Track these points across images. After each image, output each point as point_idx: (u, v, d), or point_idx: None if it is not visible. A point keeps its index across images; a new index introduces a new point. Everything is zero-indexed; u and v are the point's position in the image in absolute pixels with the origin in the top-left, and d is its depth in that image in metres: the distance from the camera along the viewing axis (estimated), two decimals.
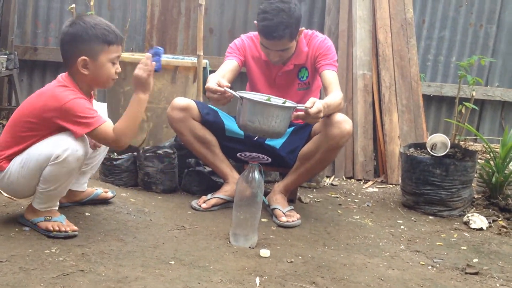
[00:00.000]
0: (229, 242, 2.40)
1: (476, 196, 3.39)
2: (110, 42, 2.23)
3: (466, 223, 3.01)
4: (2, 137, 2.27)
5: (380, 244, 2.62)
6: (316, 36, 2.97)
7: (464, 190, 3.16)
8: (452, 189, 3.12)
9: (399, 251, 2.55)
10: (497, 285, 2.26)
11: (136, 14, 4.62)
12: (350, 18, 4.20)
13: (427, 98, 4.83)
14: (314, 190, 3.54)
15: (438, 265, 2.40)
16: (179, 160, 3.15)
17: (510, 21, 4.97)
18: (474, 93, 3.98)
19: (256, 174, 2.37)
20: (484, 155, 4.34)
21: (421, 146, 3.43)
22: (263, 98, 2.60)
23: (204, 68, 3.55)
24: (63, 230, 2.22)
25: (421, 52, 4.89)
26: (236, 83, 4.55)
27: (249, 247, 2.36)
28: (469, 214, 3.07)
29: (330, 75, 2.85)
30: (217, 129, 2.92)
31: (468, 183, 3.19)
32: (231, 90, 2.57)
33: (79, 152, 2.16)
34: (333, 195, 3.45)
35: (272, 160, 2.76)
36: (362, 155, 3.95)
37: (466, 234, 2.88)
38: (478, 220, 2.99)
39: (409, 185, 3.24)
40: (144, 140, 3.50)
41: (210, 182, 3.12)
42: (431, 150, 3.24)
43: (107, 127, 2.20)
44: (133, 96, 2.29)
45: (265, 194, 2.80)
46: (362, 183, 3.85)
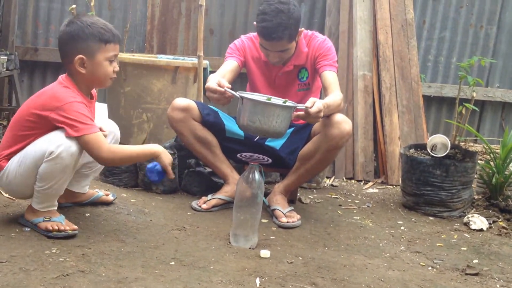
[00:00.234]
0: (229, 242, 2.40)
1: (476, 197, 3.39)
2: (106, 41, 2.24)
3: (466, 224, 3.01)
4: (4, 137, 2.29)
5: (380, 245, 2.63)
6: (316, 37, 2.97)
7: (464, 191, 3.16)
8: (452, 190, 3.13)
9: (399, 252, 2.55)
10: (497, 286, 2.26)
11: (137, 14, 4.63)
12: (351, 18, 4.20)
13: (428, 99, 4.83)
14: (314, 190, 3.54)
15: (438, 266, 2.40)
16: (180, 160, 3.15)
17: (510, 22, 4.97)
18: (474, 94, 3.98)
19: (256, 175, 2.37)
20: (485, 156, 4.34)
21: (422, 147, 3.43)
22: (264, 98, 2.60)
23: (205, 69, 3.55)
24: (63, 229, 2.22)
25: (422, 53, 4.89)
26: (236, 84, 4.55)
27: (249, 248, 2.37)
28: (469, 215, 3.07)
29: (330, 76, 2.85)
30: (218, 130, 2.93)
31: (468, 184, 3.19)
32: (231, 90, 2.57)
33: (72, 148, 2.16)
34: (333, 196, 3.45)
35: (272, 160, 2.77)
36: (362, 156, 3.95)
37: (466, 235, 2.88)
38: (478, 221, 2.99)
39: (409, 186, 3.24)
40: (144, 141, 3.50)
41: (210, 183, 3.12)
42: (431, 151, 3.24)
43: (97, 138, 2.18)
44: (152, 144, 2.37)
45: (265, 194, 2.80)
46: (362, 184, 3.86)
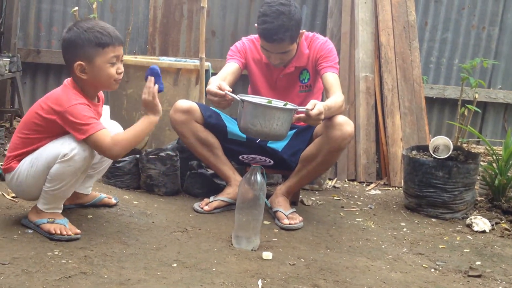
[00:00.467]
0: (231, 244, 2.40)
1: (478, 198, 3.38)
2: (104, 45, 2.22)
3: (469, 226, 3.01)
4: (12, 139, 2.32)
5: (383, 246, 2.62)
6: (317, 39, 2.97)
7: (467, 193, 3.16)
8: (454, 192, 3.12)
9: (401, 253, 2.54)
10: (500, 287, 2.25)
11: (139, 17, 4.63)
12: (353, 20, 4.20)
13: (430, 101, 4.83)
14: (317, 192, 3.54)
15: (441, 268, 2.40)
16: (182, 162, 3.15)
17: None
18: (476, 96, 3.97)
19: (258, 177, 2.37)
20: (487, 157, 4.33)
21: (424, 148, 3.42)
22: (264, 101, 2.60)
23: (207, 71, 3.56)
24: (65, 233, 2.22)
25: (424, 55, 4.89)
26: (238, 86, 4.56)
27: (252, 250, 2.36)
28: (472, 217, 3.06)
29: (331, 78, 2.85)
30: (220, 132, 2.93)
31: (471, 185, 3.18)
32: (232, 94, 2.57)
33: (86, 152, 2.20)
34: (335, 198, 3.44)
35: (274, 162, 2.77)
36: (364, 158, 3.94)
37: (469, 236, 2.88)
38: (481, 223, 2.98)
39: (412, 187, 3.23)
40: (146, 143, 3.50)
41: (213, 185, 3.12)
42: (433, 153, 3.24)
43: (102, 134, 2.19)
44: (144, 116, 2.32)
45: (267, 196, 2.80)
46: (364, 185, 3.85)
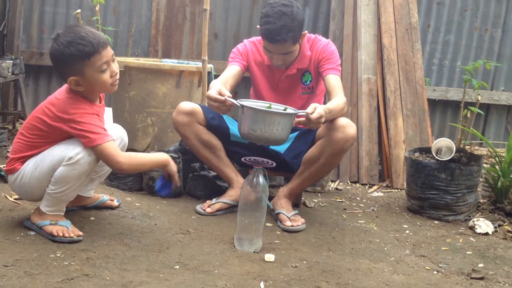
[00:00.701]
0: (234, 246, 2.40)
1: (481, 200, 3.38)
2: (89, 55, 2.16)
3: (472, 228, 3.00)
4: (15, 141, 2.31)
5: (385, 248, 2.62)
6: (319, 40, 2.97)
7: (470, 195, 3.15)
8: (457, 194, 3.11)
9: (404, 256, 2.54)
10: None
11: (142, 19, 4.64)
12: (355, 22, 4.20)
13: (432, 103, 4.83)
14: (319, 194, 3.53)
15: (443, 270, 2.39)
16: (184, 164, 3.16)
17: None
18: (479, 98, 3.97)
19: (261, 179, 2.37)
20: (490, 159, 4.33)
21: (426, 150, 3.42)
22: (264, 106, 2.60)
23: (209, 73, 3.56)
24: (67, 235, 2.22)
25: (426, 57, 4.88)
26: (240, 88, 4.57)
27: (254, 252, 2.36)
28: (475, 219, 3.06)
29: (333, 80, 2.85)
30: (222, 134, 2.93)
31: (474, 187, 3.18)
32: (232, 99, 2.57)
33: (91, 157, 2.21)
34: (338, 200, 3.44)
35: (276, 164, 2.76)
36: (367, 160, 3.94)
37: (472, 239, 2.87)
38: (483, 225, 2.98)
39: (414, 189, 3.23)
40: (149, 145, 3.50)
41: (215, 187, 3.12)
42: (436, 155, 3.23)
43: (111, 146, 2.21)
44: (160, 153, 2.48)
45: (270, 198, 2.80)
46: (367, 187, 3.85)
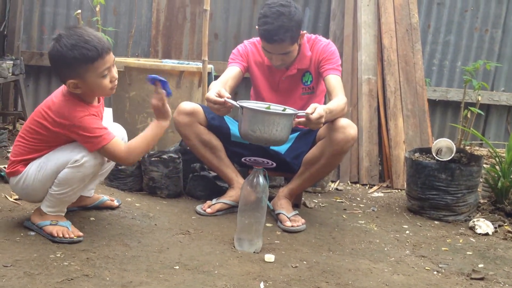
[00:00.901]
0: (234, 247, 2.40)
1: (481, 201, 3.37)
2: (92, 60, 2.12)
3: (472, 228, 3.00)
4: (16, 143, 2.30)
5: (385, 249, 2.62)
6: (319, 41, 2.97)
7: (470, 195, 3.15)
8: (457, 194, 3.11)
9: (404, 256, 2.54)
10: None
11: (142, 19, 4.64)
12: (355, 23, 4.20)
13: (433, 103, 4.82)
14: (319, 195, 3.53)
15: (443, 271, 2.39)
16: (184, 164, 3.16)
17: None
18: (479, 98, 3.97)
19: (261, 179, 2.37)
20: (490, 160, 4.33)
21: (427, 151, 3.42)
22: (263, 107, 2.60)
23: (209, 73, 3.56)
24: (68, 236, 2.22)
25: (427, 57, 4.88)
26: (241, 89, 4.57)
27: (254, 252, 2.36)
28: (475, 219, 3.06)
29: (334, 80, 2.85)
30: (223, 134, 2.93)
31: (474, 188, 3.18)
32: (231, 100, 2.57)
33: (96, 160, 2.21)
34: (338, 200, 3.44)
35: (277, 165, 2.76)
36: (367, 160, 3.94)
37: (472, 239, 2.87)
38: (483, 225, 2.98)
39: (415, 190, 3.23)
40: None
41: (215, 187, 3.12)
42: (436, 155, 3.23)
43: (115, 144, 2.21)
44: (154, 121, 2.32)
45: (270, 199, 2.80)
46: (367, 188, 3.85)
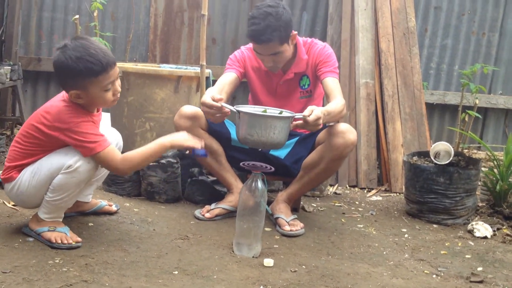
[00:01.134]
0: (233, 251, 2.39)
1: (480, 204, 3.38)
2: (97, 74, 2.12)
3: (471, 232, 3.00)
4: (11, 149, 2.29)
5: (384, 253, 2.62)
6: (315, 44, 2.98)
7: (468, 198, 3.15)
8: (456, 198, 3.12)
9: (403, 260, 2.54)
10: None
11: (140, 24, 4.65)
12: (353, 27, 4.21)
13: (430, 106, 4.83)
14: (318, 199, 3.53)
15: (442, 274, 2.39)
16: (182, 169, 3.15)
17: None
18: (477, 101, 3.97)
19: (259, 183, 2.37)
20: (488, 163, 4.32)
21: (425, 154, 3.42)
22: (260, 110, 2.60)
23: (207, 78, 3.56)
24: (66, 242, 2.22)
25: (424, 61, 4.89)
26: (239, 93, 4.57)
27: (253, 257, 2.36)
28: (473, 223, 3.06)
29: (331, 82, 2.85)
30: (223, 139, 2.93)
31: (472, 191, 3.18)
32: (228, 105, 2.58)
33: (90, 164, 2.20)
34: (336, 204, 3.44)
35: (276, 169, 2.76)
36: (365, 164, 3.94)
37: (471, 242, 2.87)
38: (482, 229, 2.98)
39: (413, 193, 3.23)
40: None
41: (213, 192, 3.12)
42: (434, 159, 3.24)
43: (110, 152, 2.20)
44: (160, 139, 2.30)
45: (268, 203, 2.80)
46: (365, 191, 3.85)
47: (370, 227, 3.01)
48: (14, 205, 2.63)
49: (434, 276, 2.37)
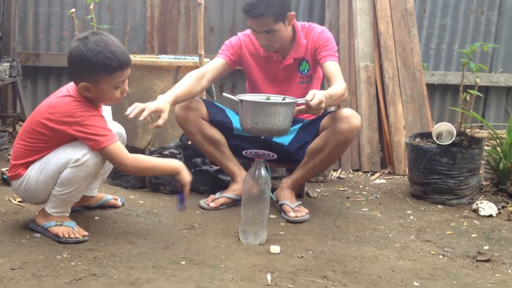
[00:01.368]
0: (239, 239, 2.40)
1: (484, 183, 3.38)
2: (112, 70, 2.16)
3: (475, 211, 3.01)
4: (15, 146, 2.29)
5: (390, 235, 2.62)
6: (313, 28, 2.96)
7: (472, 178, 3.16)
8: (459, 177, 3.12)
9: (409, 241, 2.55)
10: (509, 271, 2.25)
11: (136, 15, 4.63)
12: (350, 10, 4.18)
13: (431, 87, 4.82)
14: (322, 184, 3.54)
15: (449, 254, 2.40)
16: (185, 160, 3.15)
17: (511, 6, 4.94)
18: (478, 80, 3.96)
19: (263, 171, 2.37)
20: (491, 141, 4.32)
21: (427, 135, 3.42)
22: (263, 98, 2.60)
23: None
24: (73, 236, 2.23)
25: (423, 41, 4.87)
26: (240, 81, 4.56)
27: (259, 244, 2.37)
28: (478, 202, 3.06)
29: (331, 66, 2.84)
30: (225, 128, 2.92)
31: (476, 170, 3.18)
32: (229, 95, 2.57)
33: (97, 158, 2.21)
34: (340, 188, 3.45)
35: (280, 156, 2.76)
36: (368, 147, 3.94)
37: (476, 221, 2.88)
38: (487, 207, 2.98)
39: (417, 175, 3.23)
40: (149, 142, 3.50)
41: (217, 181, 3.12)
42: (437, 139, 3.23)
43: (118, 147, 2.22)
44: (173, 160, 2.45)
45: (273, 190, 2.80)
46: (369, 175, 3.85)
47: (375, 210, 3.01)
48: (20, 202, 2.64)
49: (441, 256, 2.38)
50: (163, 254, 2.19)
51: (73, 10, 3.81)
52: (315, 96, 2.45)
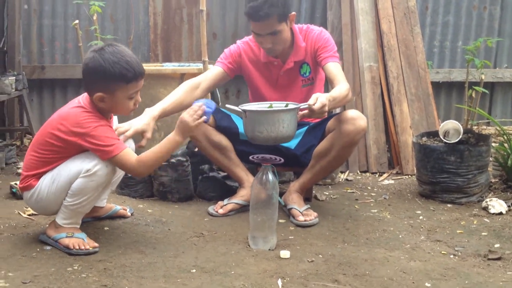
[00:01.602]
0: (249, 245, 2.40)
1: (493, 180, 3.36)
2: (128, 81, 2.21)
3: (485, 209, 2.99)
4: (27, 157, 2.31)
5: (400, 236, 2.61)
6: (312, 30, 2.95)
7: (481, 175, 3.14)
8: (468, 175, 3.10)
9: (419, 242, 2.54)
10: None
11: (140, 24, 4.64)
12: (352, 11, 4.18)
13: (436, 85, 4.80)
14: (329, 186, 3.53)
15: (460, 253, 2.39)
16: (193, 167, 3.16)
17: None
18: (483, 76, 3.95)
19: (270, 176, 2.37)
20: (498, 138, 4.30)
21: (434, 134, 3.41)
22: (265, 106, 2.60)
23: None
24: (83, 248, 2.24)
25: (427, 39, 4.86)
26: (244, 88, 4.56)
27: (269, 249, 2.37)
28: (488, 199, 3.05)
29: (333, 67, 2.83)
30: (232, 134, 2.93)
31: (484, 168, 3.16)
32: (233, 106, 2.57)
33: (108, 168, 2.23)
34: (349, 191, 3.44)
35: (287, 160, 2.76)
36: (375, 148, 3.93)
37: (486, 219, 2.86)
38: (497, 205, 2.97)
39: (425, 174, 3.22)
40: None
41: (225, 187, 3.13)
42: (444, 138, 3.22)
43: (126, 154, 2.22)
44: (170, 135, 2.30)
45: (280, 194, 2.80)
46: (377, 176, 3.84)
47: (384, 212, 3.01)
48: (29, 215, 2.65)
49: (452, 256, 2.37)
50: (173, 262, 2.20)
51: (77, 21, 3.83)
52: (318, 99, 2.44)
